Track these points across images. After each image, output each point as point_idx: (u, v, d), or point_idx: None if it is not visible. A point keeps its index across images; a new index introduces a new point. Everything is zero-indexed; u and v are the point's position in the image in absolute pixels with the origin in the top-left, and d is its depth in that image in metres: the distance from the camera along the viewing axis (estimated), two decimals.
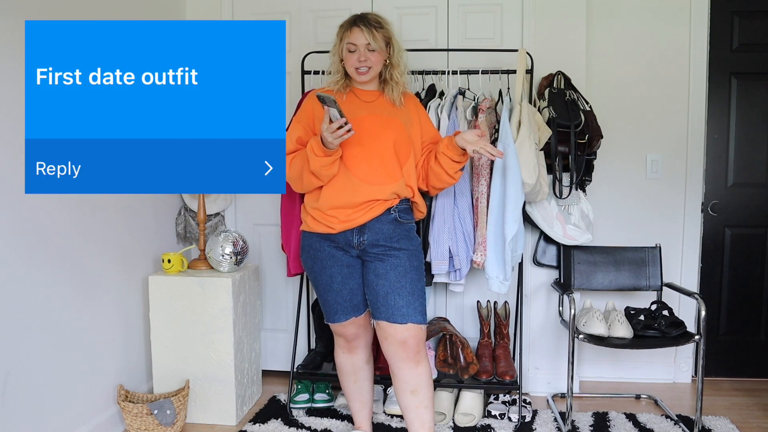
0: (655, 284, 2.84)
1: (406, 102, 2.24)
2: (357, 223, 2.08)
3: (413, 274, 2.11)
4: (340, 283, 2.16)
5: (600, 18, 2.98)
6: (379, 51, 2.12)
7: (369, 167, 2.09)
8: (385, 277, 2.08)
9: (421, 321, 2.09)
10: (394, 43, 2.18)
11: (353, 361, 2.31)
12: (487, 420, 2.63)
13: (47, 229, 2.12)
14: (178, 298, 2.59)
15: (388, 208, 2.10)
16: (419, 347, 2.10)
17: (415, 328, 2.07)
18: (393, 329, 2.07)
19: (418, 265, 2.15)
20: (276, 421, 2.63)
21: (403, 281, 2.08)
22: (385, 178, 2.10)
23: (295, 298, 3.07)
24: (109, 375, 2.48)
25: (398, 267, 2.09)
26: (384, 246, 2.10)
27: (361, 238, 2.10)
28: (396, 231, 2.11)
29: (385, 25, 2.15)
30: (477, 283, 2.95)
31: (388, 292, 2.07)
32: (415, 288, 2.09)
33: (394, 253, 2.10)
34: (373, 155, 2.10)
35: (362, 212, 2.07)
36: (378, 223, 2.09)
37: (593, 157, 2.74)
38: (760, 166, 3.06)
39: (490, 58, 2.82)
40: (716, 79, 3.02)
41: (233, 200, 3.15)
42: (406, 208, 2.17)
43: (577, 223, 2.81)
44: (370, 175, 2.09)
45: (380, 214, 2.09)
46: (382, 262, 2.10)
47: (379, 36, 2.11)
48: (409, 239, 2.14)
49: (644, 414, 2.69)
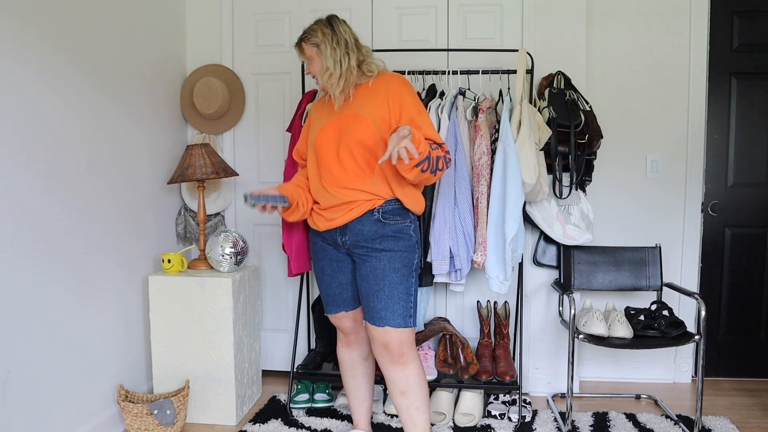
0: (655, 284, 2.84)
1: (375, 88, 2.09)
2: (338, 224, 2.09)
3: (393, 276, 2.05)
4: (330, 276, 2.20)
5: (600, 18, 2.99)
6: (315, 60, 2.08)
7: (336, 173, 2.07)
8: (365, 279, 2.08)
9: (401, 324, 2.05)
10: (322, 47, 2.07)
11: (351, 356, 2.33)
12: (487, 420, 2.63)
13: (47, 229, 2.12)
14: (178, 298, 2.59)
15: (370, 209, 2.07)
16: (402, 350, 2.07)
17: (394, 332, 2.05)
18: (375, 332, 2.08)
19: (402, 266, 2.07)
20: (276, 421, 2.63)
21: (381, 284, 2.05)
22: (354, 180, 2.06)
23: (295, 298, 3.08)
24: (109, 375, 2.48)
25: (376, 270, 2.06)
26: (366, 247, 2.08)
27: (343, 238, 2.11)
28: (379, 232, 2.07)
29: (311, 33, 2.07)
30: (477, 283, 2.95)
31: (369, 295, 2.07)
32: (393, 291, 2.05)
33: (375, 255, 2.07)
34: (337, 160, 2.06)
35: (342, 212, 2.08)
36: (359, 224, 2.08)
37: (593, 157, 2.74)
38: (760, 166, 3.06)
39: (490, 58, 2.83)
40: (716, 79, 3.03)
41: (233, 200, 3.15)
42: (395, 208, 2.10)
43: (577, 223, 2.81)
44: (338, 180, 2.08)
45: (361, 215, 2.07)
46: (363, 264, 2.10)
47: (307, 48, 2.09)
48: (395, 240, 2.08)
49: (644, 414, 2.69)
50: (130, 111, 2.62)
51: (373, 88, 2.09)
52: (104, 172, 2.44)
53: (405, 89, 2.08)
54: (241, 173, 3.11)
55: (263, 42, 3.08)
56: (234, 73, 3.06)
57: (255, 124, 3.11)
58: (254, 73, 3.09)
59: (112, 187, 2.50)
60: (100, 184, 2.41)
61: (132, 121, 2.64)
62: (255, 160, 3.13)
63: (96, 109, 2.39)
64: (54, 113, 2.15)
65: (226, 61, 3.08)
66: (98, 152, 2.40)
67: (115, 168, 2.52)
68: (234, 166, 3.12)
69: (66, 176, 2.21)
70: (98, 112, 2.40)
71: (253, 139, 3.12)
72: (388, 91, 2.07)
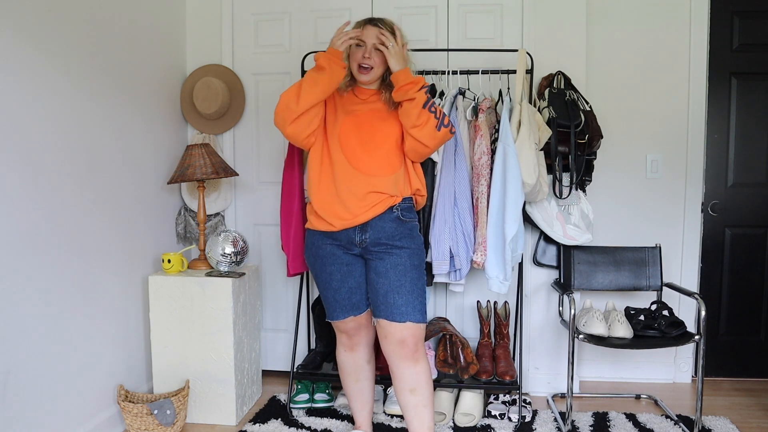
0: (655, 284, 2.84)
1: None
2: (359, 221, 2.09)
3: (413, 273, 2.11)
4: (339, 281, 2.17)
5: (600, 18, 2.99)
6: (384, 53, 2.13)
7: (369, 159, 2.11)
8: (385, 275, 2.09)
9: (420, 320, 2.10)
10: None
11: (355, 360, 2.32)
12: (487, 420, 2.63)
13: (47, 229, 2.12)
14: (178, 298, 2.59)
15: (390, 207, 2.11)
16: (418, 346, 2.10)
17: (413, 327, 2.08)
18: (392, 328, 2.08)
19: (419, 264, 2.15)
20: (276, 421, 2.63)
21: (403, 280, 2.08)
22: (386, 168, 2.11)
23: (295, 298, 3.08)
24: (109, 375, 2.48)
25: (398, 266, 2.09)
26: (386, 244, 2.10)
27: (363, 236, 2.11)
28: (398, 230, 2.12)
29: (398, 33, 2.16)
30: (477, 283, 2.95)
31: (388, 291, 2.08)
32: (414, 287, 2.10)
33: (395, 252, 2.10)
34: (372, 147, 2.11)
35: (364, 209, 2.08)
36: (380, 222, 2.10)
37: (593, 157, 2.74)
38: (760, 166, 3.06)
39: (490, 58, 2.83)
40: (716, 79, 3.03)
41: (233, 200, 3.16)
42: (409, 206, 2.18)
43: (577, 223, 2.81)
44: (369, 166, 2.10)
45: (382, 212, 2.10)
46: (382, 261, 2.10)
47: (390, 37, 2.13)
48: (411, 238, 2.14)
49: (644, 414, 2.69)
50: (130, 111, 2.62)
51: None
52: (104, 172, 2.44)
53: None
54: (241, 173, 3.11)
55: (263, 42, 3.08)
56: (234, 73, 3.06)
57: (255, 124, 3.11)
58: (254, 73, 3.09)
59: (112, 187, 2.50)
60: (100, 184, 2.41)
61: (132, 121, 2.64)
62: (255, 160, 3.13)
63: (96, 110, 2.39)
64: (54, 114, 2.15)
65: (226, 61, 3.08)
66: (98, 152, 2.40)
67: (115, 168, 2.52)
68: (234, 166, 3.12)
69: (66, 176, 2.21)
70: (98, 113, 2.40)
71: (253, 139, 3.12)
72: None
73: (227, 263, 2.65)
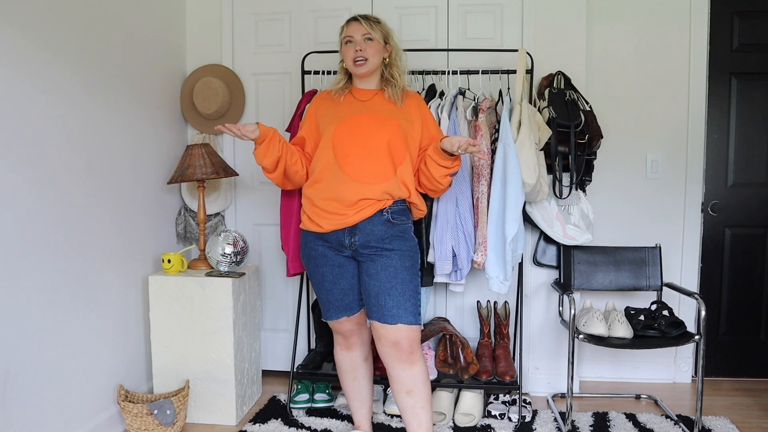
0: (655, 284, 2.84)
1: (407, 101, 2.24)
2: (348, 224, 2.09)
3: (404, 274, 2.09)
4: (331, 282, 2.18)
5: (600, 18, 2.98)
6: (376, 42, 2.15)
7: (360, 165, 2.10)
8: (376, 277, 2.08)
9: (413, 321, 2.08)
10: (392, 41, 2.23)
11: (351, 358, 2.32)
12: (487, 420, 2.63)
13: (47, 229, 2.12)
14: (178, 298, 2.58)
15: (380, 209, 2.10)
16: (412, 348, 2.09)
17: (405, 329, 2.06)
18: (385, 330, 2.07)
19: (411, 265, 2.13)
20: (276, 421, 2.63)
21: (394, 282, 2.07)
22: (377, 176, 2.09)
23: (295, 298, 3.08)
24: (109, 375, 2.48)
25: (389, 268, 2.08)
26: (375, 247, 2.10)
27: (352, 239, 2.10)
28: (388, 232, 2.10)
29: (383, 22, 2.19)
30: (477, 283, 2.95)
31: (379, 293, 2.07)
32: (405, 289, 2.08)
33: (385, 254, 2.09)
34: (365, 154, 2.10)
35: (353, 212, 2.08)
36: (369, 224, 2.09)
37: (593, 157, 2.74)
38: (760, 166, 3.06)
39: (490, 58, 2.83)
40: (716, 79, 3.02)
41: (233, 200, 3.15)
42: (401, 209, 2.16)
43: (577, 223, 2.81)
44: (361, 173, 2.09)
45: (371, 215, 2.09)
46: (373, 263, 2.10)
47: (376, 28, 2.16)
48: (402, 240, 2.12)
49: (644, 414, 2.69)
50: (130, 111, 2.62)
51: (405, 102, 2.24)
52: (104, 172, 2.44)
53: (429, 111, 2.32)
54: (241, 173, 3.11)
55: (263, 42, 3.08)
56: (234, 73, 3.06)
57: None
58: (254, 73, 3.09)
59: (112, 187, 2.50)
60: (99, 184, 2.41)
61: (132, 121, 2.64)
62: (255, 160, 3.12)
63: (96, 110, 2.39)
64: (54, 114, 2.15)
65: (226, 61, 3.08)
66: (98, 152, 2.40)
67: (115, 168, 2.51)
68: (234, 166, 3.11)
69: (66, 176, 2.21)
70: (98, 113, 2.40)
71: None
72: (419, 106, 2.26)
73: (227, 263, 2.65)
